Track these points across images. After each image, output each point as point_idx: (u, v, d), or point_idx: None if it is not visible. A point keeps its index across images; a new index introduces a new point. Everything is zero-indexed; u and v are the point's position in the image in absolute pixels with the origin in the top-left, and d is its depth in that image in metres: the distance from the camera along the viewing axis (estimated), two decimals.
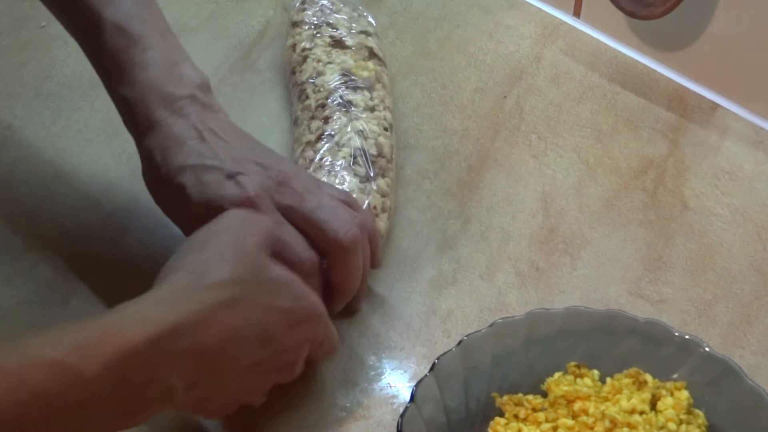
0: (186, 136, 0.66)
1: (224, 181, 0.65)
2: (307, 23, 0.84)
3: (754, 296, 0.72)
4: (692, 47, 0.84)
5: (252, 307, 0.57)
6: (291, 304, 0.60)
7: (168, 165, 0.65)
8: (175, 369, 0.53)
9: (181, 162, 0.65)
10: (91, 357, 0.49)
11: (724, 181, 0.79)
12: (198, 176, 0.65)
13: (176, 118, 0.66)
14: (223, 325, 0.55)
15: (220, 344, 0.55)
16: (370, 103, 0.78)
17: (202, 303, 0.55)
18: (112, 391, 0.50)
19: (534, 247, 0.75)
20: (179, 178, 0.65)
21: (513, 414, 0.61)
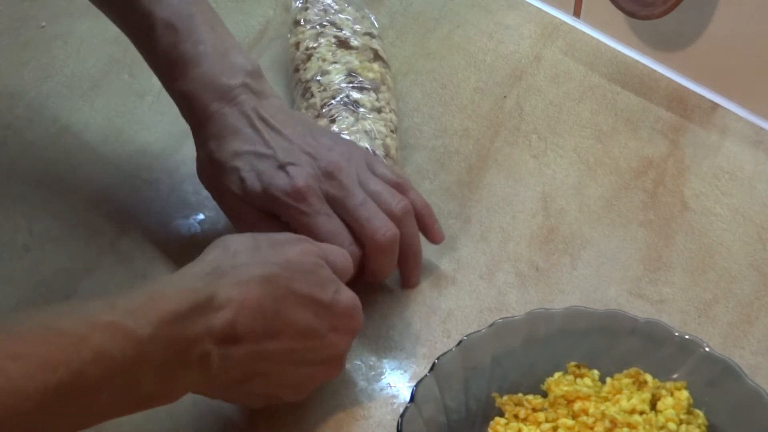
0: (239, 125, 0.69)
1: (276, 171, 0.67)
2: (310, 22, 0.84)
3: (754, 296, 0.72)
4: (692, 47, 0.84)
5: (287, 291, 0.58)
6: (331, 298, 0.60)
7: (222, 151, 0.69)
8: (208, 334, 0.54)
9: (236, 149, 0.68)
10: (144, 319, 0.51)
11: (724, 181, 0.79)
12: (251, 163, 0.68)
13: (230, 107, 0.69)
14: (253, 300, 0.56)
15: (251, 316, 0.56)
16: (377, 105, 0.78)
17: (236, 277, 0.57)
18: (161, 352, 0.52)
19: (534, 247, 0.75)
20: (233, 162, 0.68)
21: (513, 414, 0.61)
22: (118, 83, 0.88)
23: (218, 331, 0.55)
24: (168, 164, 0.81)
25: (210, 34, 0.70)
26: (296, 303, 0.59)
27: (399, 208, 0.69)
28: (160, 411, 0.65)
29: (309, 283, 0.60)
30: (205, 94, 0.70)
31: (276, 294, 0.58)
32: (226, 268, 0.57)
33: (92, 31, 0.92)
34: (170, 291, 0.54)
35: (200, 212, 0.78)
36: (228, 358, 0.56)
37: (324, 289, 0.60)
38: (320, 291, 0.60)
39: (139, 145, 0.83)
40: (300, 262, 0.60)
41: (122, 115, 0.85)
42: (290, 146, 0.69)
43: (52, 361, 0.47)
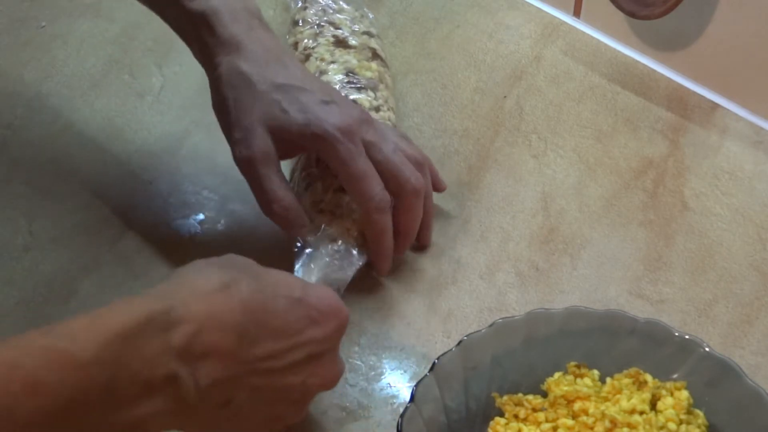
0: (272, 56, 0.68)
1: (322, 105, 0.67)
2: (309, 22, 0.84)
3: (754, 296, 0.72)
4: (692, 47, 0.84)
5: (251, 293, 0.54)
6: (301, 293, 0.57)
7: (262, 78, 0.67)
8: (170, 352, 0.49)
9: (276, 78, 0.67)
10: (85, 340, 0.46)
11: (724, 181, 0.79)
12: (295, 96, 0.67)
13: (256, 34, 0.69)
14: (218, 309, 0.52)
15: (219, 328, 0.51)
16: (375, 103, 0.78)
17: (192, 288, 0.52)
18: (110, 375, 0.47)
19: (534, 247, 0.75)
20: (273, 94, 0.67)
21: (513, 414, 0.61)
22: (118, 83, 0.88)
23: (181, 345, 0.49)
24: (168, 164, 0.81)
25: None
26: (264, 302, 0.55)
27: (419, 155, 0.71)
28: None
29: (273, 283, 0.56)
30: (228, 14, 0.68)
31: (241, 297, 0.53)
32: (182, 281, 0.53)
33: (92, 31, 0.93)
34: (116, 310, 0.49)
35: (200, 212, 0.78)
36: (203, 378, 0.51)
37: (291, 286, 0.57)
38: (287, 288, 0.57)
39: (139, 145, 0.83)
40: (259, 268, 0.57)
41: (122, 115, 0.85)
42: (325, 86, 0.69)
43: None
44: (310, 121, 0.66)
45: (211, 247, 0.75)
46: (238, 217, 0.77)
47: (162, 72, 0.89)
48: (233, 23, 0.69)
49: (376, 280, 0.73)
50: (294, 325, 0.56)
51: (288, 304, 0.56)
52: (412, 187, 0.69)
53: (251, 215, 0.74)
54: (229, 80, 0.68)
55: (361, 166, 0.67)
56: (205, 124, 0.84)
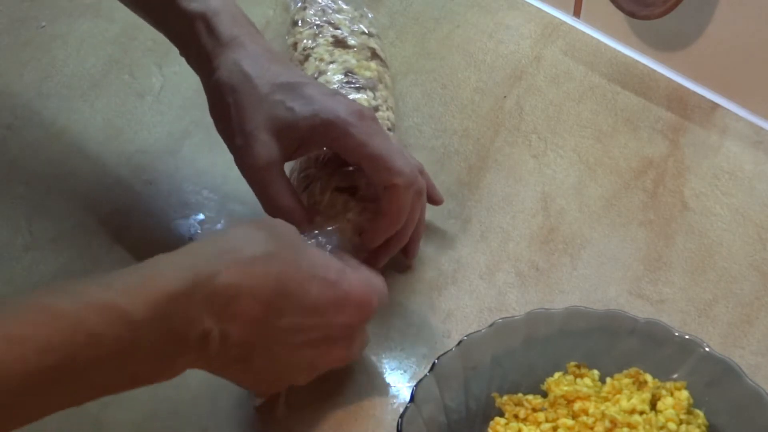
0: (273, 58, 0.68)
1: (328, 96, 0.67)
2: (308, 22, 0.84)
3: (754, 296, 0.72)
4: (692, 47, 0.84)
5: (289, 268, 0.57)
6: (336, 277, 0.59)
7: (264, 77, 0.67)
8: (209, 312, 0.53)
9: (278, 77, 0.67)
10: (139, 300, 0.50)
11: (724, 181, 0.79)
12: (298, 92, 0.66)
13: (254, 37, 0.69)
14: (256, 280, 0.55)
15: (253, 296, 0.55)
16: (374, 103, 0.78)
17: (237, 256, 0.55)
18: (157, 333, 0.51)
19: (534, 247, 0.75)
20: (276, 93, 0.66)
21: (513, 414, 0.61)
22: (118, 83, 0.88)
23: (218, 308, 0.54)
24: (168, 164, 0.81)
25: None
26: (300, 280, 0.57)
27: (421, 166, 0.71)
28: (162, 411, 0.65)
29: (312, 263, 0.59)
30: (227, 16, 0.68)
31: (279, 270, 0.56)
32: (227, 246, 0.56)
33: (92, 31, 0.93)
34: (168, 269, 0.53)
35: (200, 212, 0.78)
36: (228, 337, 0.55)
37: (328, 268, 0.59)
38: (324, 269, 0.59)
39: (139, 145, 0.83)
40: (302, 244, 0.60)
41: (122, 115, 0.85)
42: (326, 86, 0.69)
43: (47, 344, 0.47)
44: (318, 111, 0.66)
45: None
46: (238, 217, 0.77)
47: (162, 72, 0.89)
48: (234, 25, 0.68)
49: None
50: (321, 306, 0.59)
51: (321, 285, 0.59)
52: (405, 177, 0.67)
53: (251, 215, 0.74)
54: (230, 82, 0.67)
55: (381, 143, 0.66)
56: (205, 124, 0.83)
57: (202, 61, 0.69)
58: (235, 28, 0.68)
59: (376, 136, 0.66)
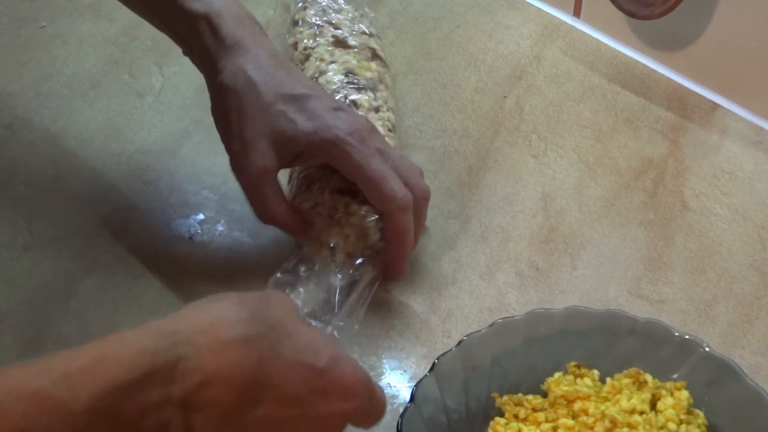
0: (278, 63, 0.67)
1: (331, 112, 0.66)
2: (308, 22, 0.84)
3: (754, 296, 0.72)
4: (692, 47, 0.84)
5: (271, 353, 0.50)
6: (325, 365, 0.52)
7: (269, 85, 0.66)
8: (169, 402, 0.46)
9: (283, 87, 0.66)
10: (81, 387, 0.43)
11: (724, 181, 0.79)
12: (301, 105, 0.66)
13: (259, 40, 0.68)
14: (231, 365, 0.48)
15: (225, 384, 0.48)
16: (374, 104, 0.78)
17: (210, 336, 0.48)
18: (102, 427, 0.44)
19: (534, 247, 0.75)
20: (280, 104, 0.66)
21: (513, 414, 0.61)
22: (118, 83, 0.88)
23: (180, 398, 0.46)
24: (168, 164, 0.81)
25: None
26: (281, 367, 0.50)
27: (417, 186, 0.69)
28: None
29: (297, 348, 0.51)
30: (231, 17, 0.67)
31: (258, 357, 0.49)
32: (202, 323, 0.48)
33: (92, 31, 0.93)
34: (122, 352, 0.45)
35: (200, 212, 0.78)
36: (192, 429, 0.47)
37: (318, 355, 0.52)
38: (313, 356, 0.51)
39: (139, 145, 0.83)
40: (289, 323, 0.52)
41: (122, 115, 0.85)
42: (331, 96, 0.68)
43: None
44: (318, 128, 0.65)
45: (210, 248, 0.75)
46: (238, 217, 0.77)
47: (162, 72, 0.89)
48: (238, 26, 0.68)
49: None
50: (305, 396, 0.51)
51: (307, 374, 0.51)
52: (422, 192, 0.69)
53: (251, 215, 0.73)
54: (234, 86, 0.67)
55: (377, 167, 0.66)
56: (205, 124, 0.84)
57: (206, 62, 0.69)
58: (239, 29, 0.68)
59: (373, 159, 0.66)
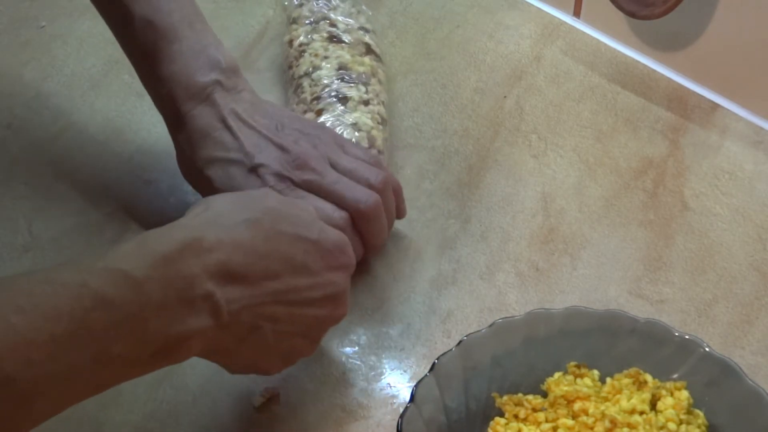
0: (210, 128, 0.71)
1: (247, 175, 0.69)
2: (304, 19, 0.85)
3: (754, 296, 0.72)
4: (692, 47, 0.84)
5: (274, 232, 0.59)
6: (317, 236, 0.61)
7: (196, 157, 0.71)
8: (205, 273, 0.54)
9: (208, 155, 0.70)
10: (137, 262, 0.51)
11: (724, 181, 0.79)
12: (224, 169, 0.70)
13: (202, 107, 0.71)
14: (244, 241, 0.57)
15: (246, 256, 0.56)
16: (365, 97, 0.78)
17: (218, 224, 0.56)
18: (160, 292, 0.52)
19: (534, 247, 0.75)
20: (207, 170, 0.70)
21: (513, 414, 0.61)
22: (118, 83, 0.88)
23: (214, 269, 0.54)
24: (168, 164, 0.81)
25: (187, 31, 0.71)
26: (285, 242, 0.59)
27: (378, 180, 0.71)
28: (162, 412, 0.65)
29: (293, 224, 0.60)
30: (178, 94, 0.70)
31: (264, 235, 0.58)
32: (210, 216, 0.57)
33: (92, 31, 0.93)
34: (157, 237, 0.54)
35: None
36: (233, 301, 0.55)
37: (309, 229, 0.61)
38: (306, 230, 0.60)
39: (139, 145, 0.83)
40: (281, 207, 0.61)
41: (122, 115, 0.85)
42: (260, 140, 0.70)
43: (55, 311, 0.48)
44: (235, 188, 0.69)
45: None
46: None
47: None
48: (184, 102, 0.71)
49: (376, 280, 0.73)
50: (311, 266, 0.60)
51: (306, 247, 0.60)
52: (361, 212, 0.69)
53: None
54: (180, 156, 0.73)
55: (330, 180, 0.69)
56: None
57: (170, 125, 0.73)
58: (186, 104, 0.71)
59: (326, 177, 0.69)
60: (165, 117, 0.73)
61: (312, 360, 0.68)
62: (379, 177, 0.71)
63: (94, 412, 0.66)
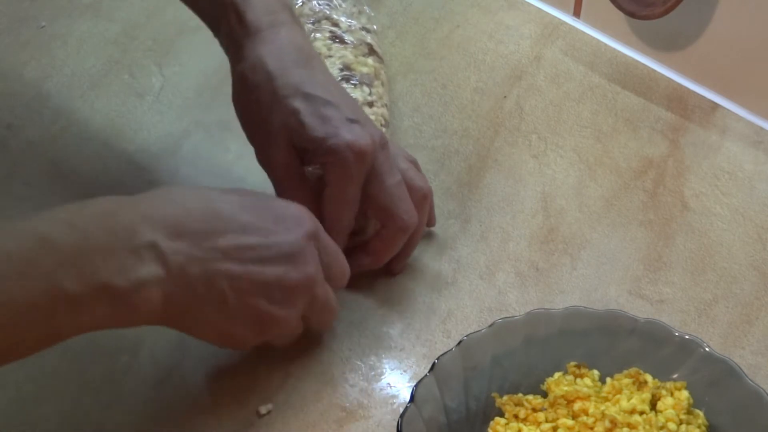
0: (301, 57, 0.66)
1: (345, 122, 0.65)
2: (307, 18, 0.85)
3: (754, 296, 0.72)
4: (692, 47, 0.84)
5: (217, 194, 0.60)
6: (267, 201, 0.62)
7: (286, 81, 0.66)
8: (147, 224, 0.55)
9: (301, 86, 0.66)
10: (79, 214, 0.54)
11: (724, 181, 0.79)
12: (316, 109, 0.65)
13: (286, 30, 0.67)
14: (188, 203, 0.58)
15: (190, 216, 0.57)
16: (369, 99, 0.78)
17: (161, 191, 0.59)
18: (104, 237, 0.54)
19: (534, 247, 0.75)
20: (295, 102, 0.65)
21: (513, 414, 0.61)
22: (118, 83, 0.88)
23: (156, 222, 0.56)
24: (168, 164, 0.81)
25: None
26: (230, 204, 0.60)
27: (426, 189, 0.70)
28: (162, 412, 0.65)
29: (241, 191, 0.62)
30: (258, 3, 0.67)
31: (205, 197, 0.59)
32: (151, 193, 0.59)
33: (92, 31, 0.93)
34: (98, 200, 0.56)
35: None
36: (178, 252, 0.56)
37: (255, 194, 0.62)
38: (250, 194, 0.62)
39: (139, 145, 0.83)
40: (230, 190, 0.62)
41: (122, 115, 0.85)
42: (351, 101, 0.68)
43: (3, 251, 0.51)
44: (327, 135, 0.65)
45: None
46: None
47: (162, 72, 0.89)
48: (265, 13, 0.67)
49: (376, 280, 0.73)
50: (260, 224, 0.60)
51: (254, 206, 0.61)
52: (401, 224, 0.68)
53: None
54: (253, 79, 0.66)
55: (349, 196, 0.67)
56: (205, 124, 0.84)
57: (230, 48, 0.68)
58: (266, 16, 0.67)
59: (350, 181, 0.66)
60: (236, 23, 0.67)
61: (312, 360, 0.68)
62: (426, 186, 0.71)
63: (94, 412, 0.66)
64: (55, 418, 0.66)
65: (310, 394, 0.67)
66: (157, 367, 0.68)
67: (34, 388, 0.67)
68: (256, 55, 0.66)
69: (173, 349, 0.69)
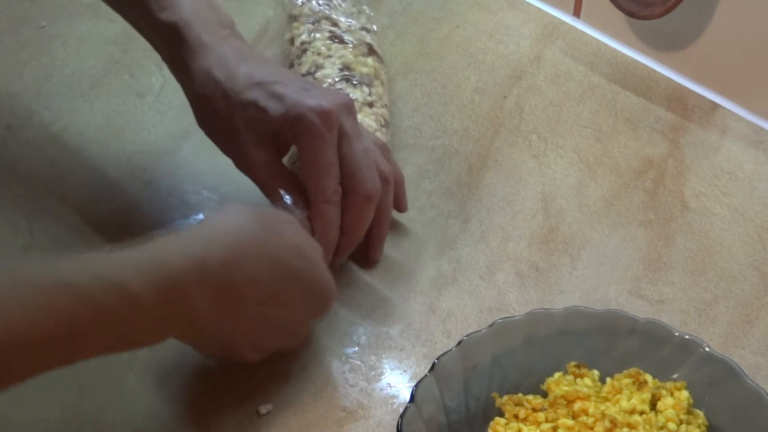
0: (243, 57, 0.68)
1: (302, 91, 0.66)
2: (306, 17, 0.85)
3: (754, 296, 0.72)
4: (692, 47, 0.84)
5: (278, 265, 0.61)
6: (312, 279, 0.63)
7: (234, 81, 0.67)
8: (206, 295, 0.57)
9: (249, 78, 0.67)
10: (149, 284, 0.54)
11: (724, 181, 0.79)
12: (270, 90, 0.66)
13: (226, 42, 0.69)
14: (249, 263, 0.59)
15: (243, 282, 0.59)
16: (369, 99, 0.78)
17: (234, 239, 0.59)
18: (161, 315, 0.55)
19: (534, 247, 0.75)
20: (248, 94, 0.67)
21: (513, 414, 0.61)
22: (118, 83, 0.88)
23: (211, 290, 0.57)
24: (168, 164, 0.81)
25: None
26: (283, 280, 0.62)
27: (388, 170, 0.70)
28: (162, 412, 0.65)
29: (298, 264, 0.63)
30: (198, 24, 0.68)
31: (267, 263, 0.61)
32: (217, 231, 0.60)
33: (92, 31, 0.93)
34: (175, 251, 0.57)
35: (200, 212, 0.78)
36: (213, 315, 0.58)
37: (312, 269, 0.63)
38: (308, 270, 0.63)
39: (139, 145, 0.83)
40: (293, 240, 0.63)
41: (122, 115, 0.85)
42: (301, 79, 0.69)
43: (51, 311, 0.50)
44: (288, 107, 0.66)
45: None
46: None
47: (162, 72, 0.89)
48: (205, 31, 0.69)
49: (376, 280, 0.73)
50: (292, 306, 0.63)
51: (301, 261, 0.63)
52: (365, 191, 0.68)
53: None
54: (204, 93, 0.68)
55: (327, 157, 0.66)
56: None
57: (178, 72, 0.70)
58: (206, 35, 0.69)
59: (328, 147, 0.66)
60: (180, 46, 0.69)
61: (312, 360, 0.68)
62: (389, 169, 0.70)
63: (95, 412, 0.66)
64: (55, 418, 0.66)
65: (310, 394, 0.67)
66: (157, 367, 0.68)
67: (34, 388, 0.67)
68: (202, 68, 0.68)
69: (173, 349, 0.69)
